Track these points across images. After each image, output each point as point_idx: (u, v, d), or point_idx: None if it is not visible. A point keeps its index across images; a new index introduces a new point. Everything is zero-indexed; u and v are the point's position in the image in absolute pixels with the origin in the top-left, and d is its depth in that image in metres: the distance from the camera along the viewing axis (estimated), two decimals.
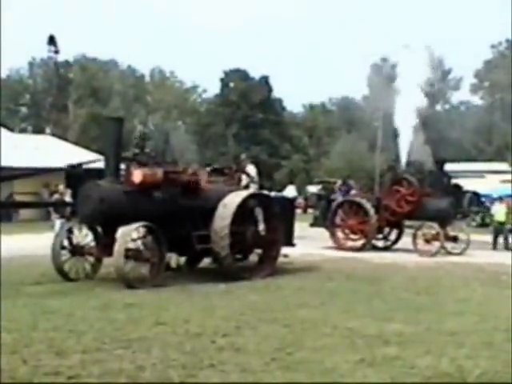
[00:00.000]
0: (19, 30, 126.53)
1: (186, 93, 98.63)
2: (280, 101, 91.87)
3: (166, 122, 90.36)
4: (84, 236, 13.84)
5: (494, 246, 23.15)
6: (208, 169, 15.73)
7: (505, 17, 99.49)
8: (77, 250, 13.68)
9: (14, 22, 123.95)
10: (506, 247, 22.92)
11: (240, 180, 16.59)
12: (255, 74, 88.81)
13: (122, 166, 13.84)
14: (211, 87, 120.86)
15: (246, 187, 16.76)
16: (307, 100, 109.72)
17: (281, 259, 15.44)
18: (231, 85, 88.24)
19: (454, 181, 24.42)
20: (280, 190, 54.68)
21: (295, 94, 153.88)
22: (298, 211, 26.99)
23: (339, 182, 27.36)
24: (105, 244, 13.19)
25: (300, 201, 49.93)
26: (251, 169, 19.14)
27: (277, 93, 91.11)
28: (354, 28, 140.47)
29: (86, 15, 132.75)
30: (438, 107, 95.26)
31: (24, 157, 34.67)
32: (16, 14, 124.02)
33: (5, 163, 30.81)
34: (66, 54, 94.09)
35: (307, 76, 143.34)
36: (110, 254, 12.74)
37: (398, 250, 21.96)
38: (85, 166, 16.64)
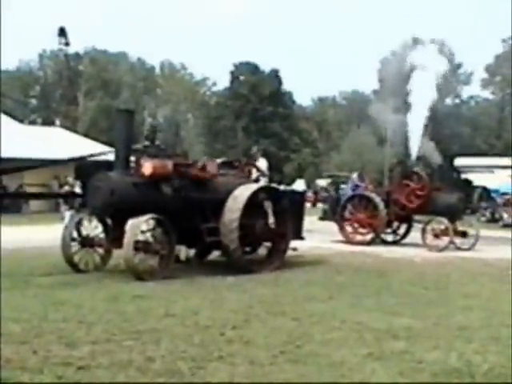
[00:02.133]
0: (29, 22, 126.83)
1: (195, 85, 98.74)
2: (290, 94, 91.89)
3: (175, 114, 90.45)
4: (94, 228, 13.88)
5: None
6: (218, 161, 15.73)
7: None
8: (86, 242, 13.72)
9: (25, 13, 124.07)
10: None
11: (250, 173, 16.59)
12: (265, 67, 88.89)
13: (132, 158, 13.85)
14: (221, 80, 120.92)
15: (256, 181, 16.78)
16: (317, 94, 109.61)
17: (290, 252, 15.47)
18: (241, 78, 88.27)
19: (463, 176, 24.38)
20: (289, 184, 54.68)
21: (305, 88, 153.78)
22: (307, 205, 26.96)
23: (354, 174, 27.15)
24: (114, 236, 13.22)
25: (309, 194, 49.94)
26: (262, 162, 19.14)
27: (286, 86, 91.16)
28: (364, 21, 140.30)
29: (97, 7, 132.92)
30: (448, 101, 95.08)
31: (33, 148, 34.78)
32: (26, 6, 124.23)
33: (14, 154, 30.91)
34: (77, 46, 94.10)
35: (317, 70, 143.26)
36: (119, 245, 12.76)
37: (406, 244, 21.95)
38: (95, 158, 16.70)
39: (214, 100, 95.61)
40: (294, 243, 15.55)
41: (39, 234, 20.16)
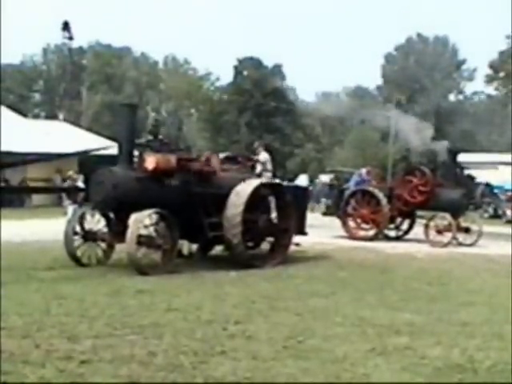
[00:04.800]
0: (33, 16, 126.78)
1: (199, 80, 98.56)
2: (293, 89, 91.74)
3: (179, 109, 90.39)
4: (96, 222, 13.88)
5: None
6: (221, 156, 15.73)
7: None
8: (89, 236, 13.72)
9: (28, 8, 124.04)
10: None
11: (253, 168, 16.59)
12: (269, 62, 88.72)
13: (136, 153, 13.85)
14: (225, 75, 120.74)
15: (259, 175, 16.78)
16: (321, 89, 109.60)
17: (292, 248, 15.46)
18: (244, 73, 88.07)
19: (466, 172, 24.32)
20: (292, 179, 54.54)
21: (308, 83, 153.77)
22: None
23: (364, 170, 27.01)
24: (117, 230, 13.22)
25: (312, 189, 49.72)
26: (264, 156, 19.17)
27: (290, 81, 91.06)
28: (368, 16, 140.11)
29: (101, 2, 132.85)
30: (452, 98, 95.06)
31: (37, 142, 34.77)
32: (30, 0, 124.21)
33: (17, 149, 30.90)
34: (80, 40, 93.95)
35: (321, 65, 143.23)
36: (122, 240, 12.76)
37: (409, 240, 21.93)
38: (98, 153, 16.71)
39: (217, 95, 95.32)
40: (296, 238, 15.54)
41: (42, 228, 20.16)
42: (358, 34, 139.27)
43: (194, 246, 15.28)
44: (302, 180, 55.97)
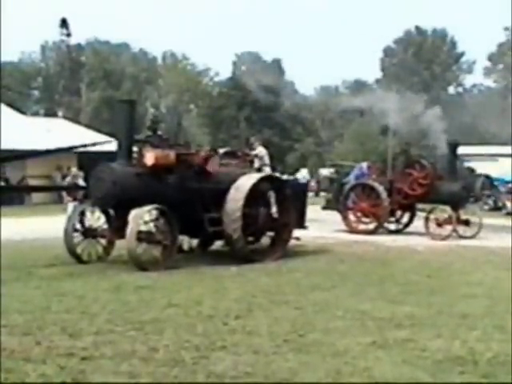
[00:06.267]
0: (31, 14, 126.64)
1: (198, 76, 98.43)
2: (292, 84, 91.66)
3: (178, 104, 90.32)
4: (96, 219, 13.88)
5: None
6: (220, 151, 15.72)
7: None
8: (89, 233, 13.72)
9: (26, 5, 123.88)
10: None
11: (252, 162, 16.59)
12: (267, 56, 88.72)
13: (135, 149, 13.83)
14: (223, 70, 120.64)
15: (259, 170, 16.77)
16: (319, 83, 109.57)
17: (292, 242, 15.46)
18: (243, 68, 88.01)
19: (466, 164, 24.33)
20: (292, 174, 54.56)
21: (307, 77, 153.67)
22: (310, 194, 26.93)
23: (364, 164, 26.93)
24: (117, 226, 13.21)
25: (312, 184, 49.77)
26: (261, 150, 19.19)
27: (289, 76, 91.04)
28: (367, 9, 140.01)
29: None
30: (451, 90, 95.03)
31: (36, 140, 34.72)
32: None
33: (17, 146, 30.87)
34: (78, 37, 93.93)
35: (319, 59, 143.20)
36: (122, 236, 12.76)
37: (410, 233, 21.91)
38: (97, 149, 16.71)
39: (216, 90, 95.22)
40: (297, 233, 15.54)
41: (42, 225, 20.15)
42: (357, 28, 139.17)
43: (194, 242, 15.27)
44: (303, 174, 55.88)
